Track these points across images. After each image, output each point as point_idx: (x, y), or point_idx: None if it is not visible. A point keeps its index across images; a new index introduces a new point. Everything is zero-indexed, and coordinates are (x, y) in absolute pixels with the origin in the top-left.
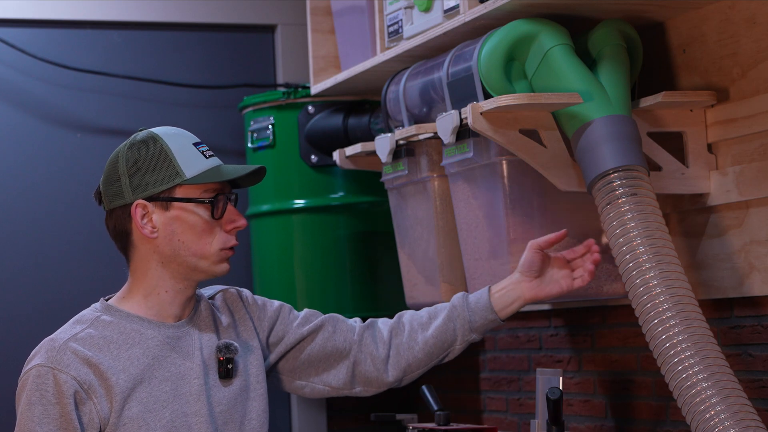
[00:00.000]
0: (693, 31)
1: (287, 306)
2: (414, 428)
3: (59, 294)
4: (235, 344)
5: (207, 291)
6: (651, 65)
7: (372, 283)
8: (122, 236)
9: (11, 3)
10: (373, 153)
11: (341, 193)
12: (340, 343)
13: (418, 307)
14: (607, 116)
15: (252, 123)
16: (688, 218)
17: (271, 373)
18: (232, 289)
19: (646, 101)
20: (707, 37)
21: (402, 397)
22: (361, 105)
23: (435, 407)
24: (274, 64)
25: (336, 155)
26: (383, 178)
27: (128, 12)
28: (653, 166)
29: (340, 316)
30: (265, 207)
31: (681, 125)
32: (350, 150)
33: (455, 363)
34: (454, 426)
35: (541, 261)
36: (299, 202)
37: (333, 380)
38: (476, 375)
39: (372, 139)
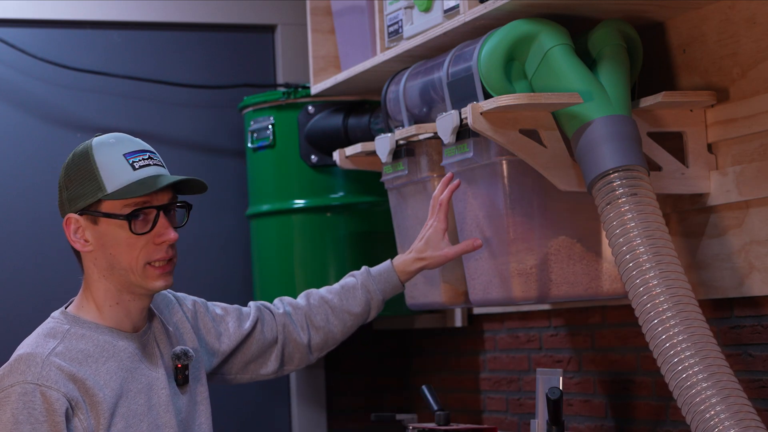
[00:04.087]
0: (693, 31)
1: (205, 302)
2: (414, 428)
3: (59, 294)
4: (191, 351)
5: None
6: (651, 65)
7: None
8: (71, 247)
9: (11, 3)
10: (373, 153)
11: (341, 193)
12: (269, 336)
13: (418, 308)
14: (607, 116)
15: (252, 123)
16: (688, 218)
17: (214, 375)
18: (165, 291)
19: (646, 101)
20: (707, 37)
21: (402, 397)
22: (361, 105)
23: (435, 407)
24: (274, 64)
25: (336, 155)
26: (383, 178)
27: (128, 12)
28: (653, 166)
29: (261, 305)
30: (265, 207)
31: (681, 125)
32: (350, 150)
33: (455, 363)
34: (454, 426)
35: None
36: (299, 202)
37: (264, 371)
38: (476, 375)
39: (372, 139)
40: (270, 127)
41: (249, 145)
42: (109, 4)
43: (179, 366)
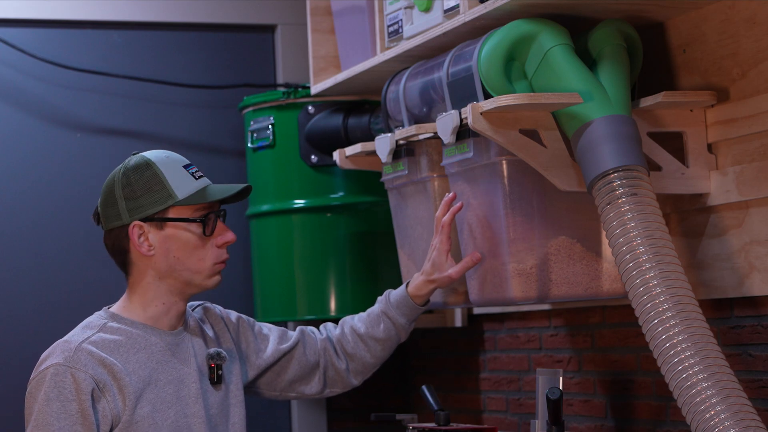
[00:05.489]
0: (693, 31)
1: (252, 320)
2: (414, 428)
3: (59, 294)
4: (224, 352)
5: (189, 305)
6: (651, 65)
7: (372, 283)
8: (120, 254)
9: (11, 3)
10: (373, 153)
11: (341, 193)
12: (311, 358)
13: None
14: (607, 116)
15: (252, 123)
16: (688, 218)
17: (250, 387)
18: (208, 304)
19: (646, 101)
20: (707, 37)
21: (402, 397)
22: (361, 105)
23: (435, 407)
24: (274, 64)
25: (336, 155)
26: (383, 178)
27: (128, 12)
28: (653, 166)
29: (307, 329)
30: (265, 207)
31: (681, 125)
32: (350, 150)
33: (455, 363)
34: (454, 426)
35: None
36: (299, 202)
37: (309, 391)
38: (476, 375)
39: (372, 139)
40: (270, 127)
41: (249, 145)
42: (109, 4)
43: (212, 365)
